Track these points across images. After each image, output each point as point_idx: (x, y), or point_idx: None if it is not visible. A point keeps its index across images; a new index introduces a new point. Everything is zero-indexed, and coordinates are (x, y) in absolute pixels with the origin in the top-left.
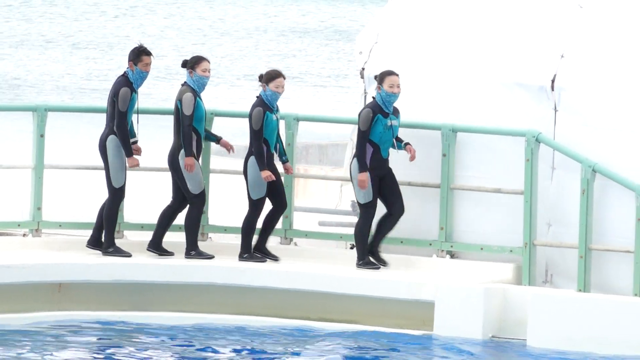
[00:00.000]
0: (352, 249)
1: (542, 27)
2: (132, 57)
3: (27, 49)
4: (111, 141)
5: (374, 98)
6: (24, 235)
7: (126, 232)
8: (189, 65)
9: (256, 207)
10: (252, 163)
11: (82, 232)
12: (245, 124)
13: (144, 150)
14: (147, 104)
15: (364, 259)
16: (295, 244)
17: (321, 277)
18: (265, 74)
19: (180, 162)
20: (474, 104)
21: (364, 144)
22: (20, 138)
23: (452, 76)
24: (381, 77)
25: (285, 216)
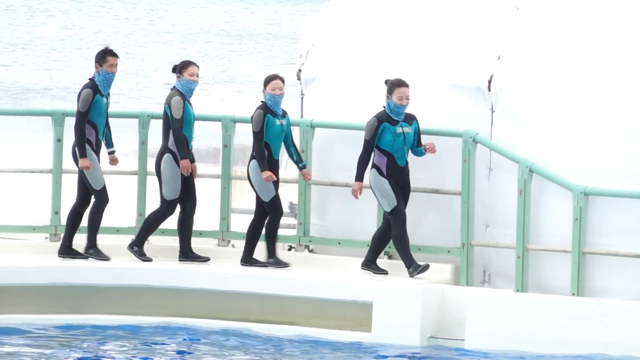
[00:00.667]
0: (289, 250)
1: (479, 29)
2: (98, 59)
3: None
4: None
5: (384, 107)
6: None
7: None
8: (177, 69)
9: (272, 208)
10: (253, 167)
11: (24, 236)
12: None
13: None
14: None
15: (412, 264)
16: (233, 245)
17: (260, 278)
18: (265, 78)
19: (163, 165)
20: (411, 104)
21: (369, 152)
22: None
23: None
24: (390, 88)
25: (223, 218)
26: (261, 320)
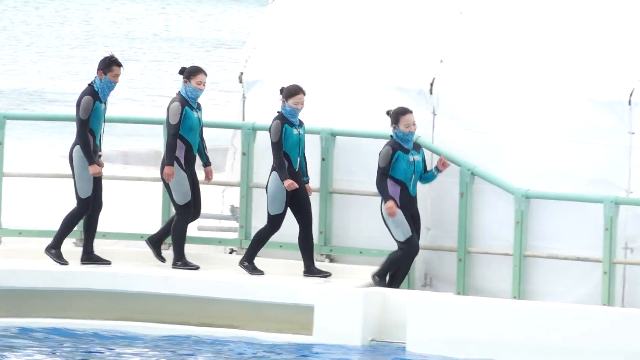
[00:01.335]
0: (230, 253)
1: (422, 32)
2: (102, 67)
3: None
4: (77, 151)
5: (392, 136)
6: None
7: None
8: (186, 74)
9: (272, 223)
10: (273, 178)
11: None
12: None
13: None
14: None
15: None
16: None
17: (201, 282)
18: (285, 89)
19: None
20: (353, 107)
21: (384, 180)
22: None
23: (332, 80)
24: (395, 117)
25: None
26: (202, 323)
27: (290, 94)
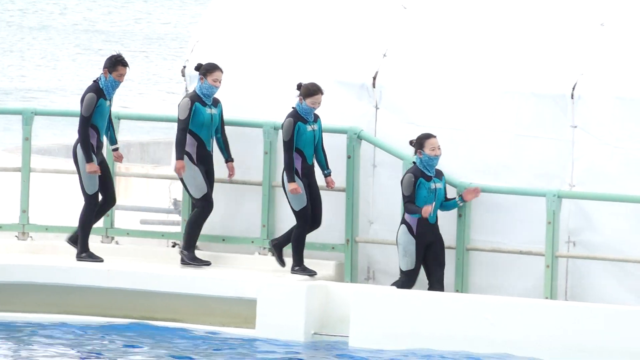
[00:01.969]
0: (174, 247)
1: (366, 26)
2: (108, 65)
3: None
4: (80, 148)
5: (414, 163)
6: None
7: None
8: (202, 71)
9: (301, 218)
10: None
11: None
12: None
13: None
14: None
15: None
16: (117, 242)
17: (144, 275)
18: (303, 86)
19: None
20: (295, 101)
21: (412, 207)
22: None
23: (274, 73)
24: (420, 143)
25: (107, 215)
26: (145, 317)
27: (308, 93)
